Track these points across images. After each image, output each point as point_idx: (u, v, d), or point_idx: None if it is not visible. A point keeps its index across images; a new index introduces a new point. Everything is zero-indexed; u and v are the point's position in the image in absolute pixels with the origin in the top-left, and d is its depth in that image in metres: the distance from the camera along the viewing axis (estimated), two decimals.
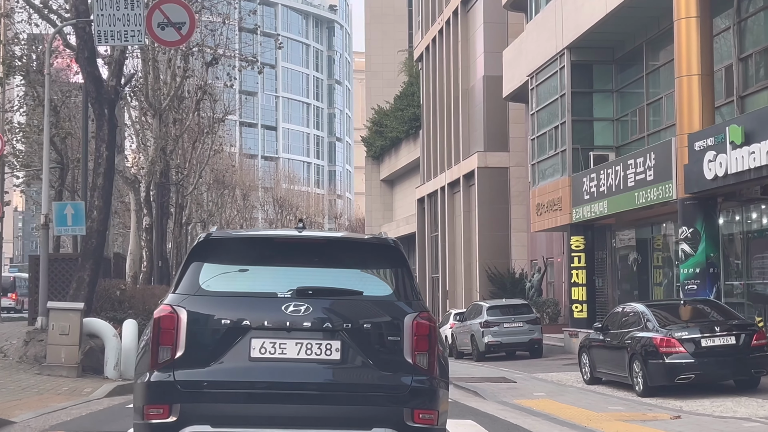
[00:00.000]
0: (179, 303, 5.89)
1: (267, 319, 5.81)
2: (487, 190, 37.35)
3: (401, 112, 57.20)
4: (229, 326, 5.80)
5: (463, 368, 22.48)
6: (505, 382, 17.08)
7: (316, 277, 6.11)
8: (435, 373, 5.93)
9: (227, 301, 5.92)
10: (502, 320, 25.49)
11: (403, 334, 5.89)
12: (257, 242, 6.43)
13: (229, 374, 5.74)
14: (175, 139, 42.04)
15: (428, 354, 5.91)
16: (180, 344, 5.78)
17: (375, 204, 66.76)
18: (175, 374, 5.74)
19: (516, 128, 36.90)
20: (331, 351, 5.82)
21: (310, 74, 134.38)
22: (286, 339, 5.80)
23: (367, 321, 5.89)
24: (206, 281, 6.02)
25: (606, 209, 23.68)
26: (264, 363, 5.76)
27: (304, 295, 5.90)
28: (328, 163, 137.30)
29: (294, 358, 5.78)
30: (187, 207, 55.72)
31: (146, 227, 33.69)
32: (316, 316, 5.84)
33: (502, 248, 37.05)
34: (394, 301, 6.04)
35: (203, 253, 6.13)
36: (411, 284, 6.17)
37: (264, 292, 5.96)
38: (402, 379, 5.83)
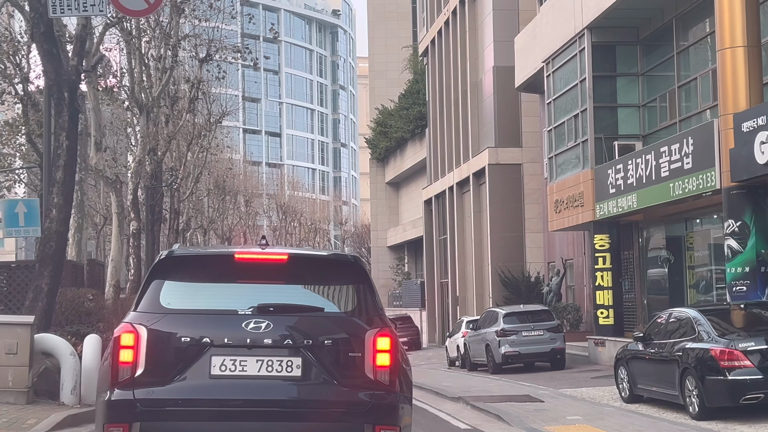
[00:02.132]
0: (139, 321, 5.88)
1: (227, 336, 5.80)
2: (498, 188, 34.98)
3: (406, 111, 54.96)
4: (189, 344, 5.80)
5: (479, 383, 20.10)
6: (531, 402, 14.69)
7: (277, 294, 6.13)
8: (396, 389, 5.90)
9: (187, 319, 5.92)
10: (520, 328, 23.11)
11: (364, 350, 5.88)
12: (218, 259, 6.44)
13: (189, 392, 5.72)
14: (167, 140, 39.89)
15: (389, 370, 5.88)
16: (140, 362, 5.77)
17: (380, 208, 64.52)
18: (135, 393, 5.71)
19: (529, 122, 34.53)
20: (292, 368, 5.81)
21: (313, 80, 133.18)
22: (247, 356, 5.79)
23: (327, 337, 5.87)
24: (167, 299, 6.03)
25: (635, 203, 21.28)
26: (224, 380, 5.75)
27: (264, 312, 5.90)
28: (333, 170, 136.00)
29: (255, 375, 5.77)
30: (185, 213, 53.59)
31: (133, 232, 31.38)
32: (276, 333, 5.82)
33: (515, 250, 34.66)
34: (355, 317, 6.01)
35: (164, 271, 6.15)
36: (373, 300, 6.18)
37: (224, 309, 5.96)
38: (363, 396, 5.81)
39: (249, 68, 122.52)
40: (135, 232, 31.28)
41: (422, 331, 45.23)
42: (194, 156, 48.40)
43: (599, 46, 23.98)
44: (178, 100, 41.60)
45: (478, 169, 36.58)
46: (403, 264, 62.22)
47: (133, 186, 31.11)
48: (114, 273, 25.03)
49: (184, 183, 49.04)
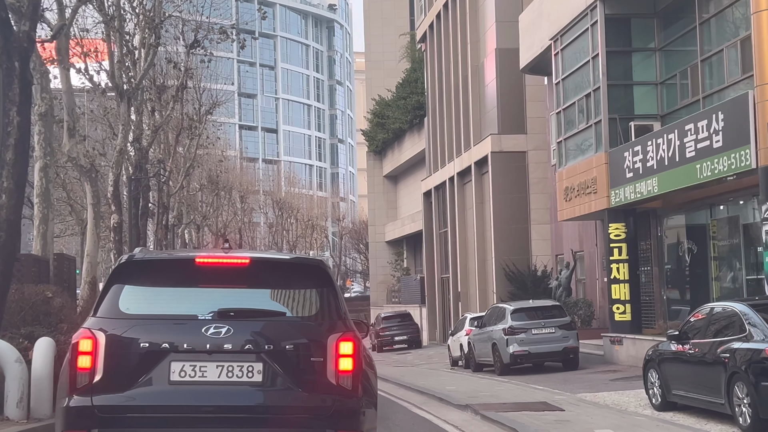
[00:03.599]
0: (98, 327, 5.83)
1: (187, 341, 5.76)
2: (502, 177, 33.11)
3: (404, 100, 53.09)
4: (148, 349, 5.75)
5: (487, 386, 18.24)
6: (550, 411, 12.83)
7: (238, 299, 6.09)
8: (359, 394, 5.87)
9: (147, 324, 5.89)
10: (529, 326, 21.24)
11: (326, 354, 5.83)
12: (179, 264, 6.41)
13: (149, 398, 5.68)
14: (154, 130, 38.01)
15: (352, 375, 5.84)
16: (98, 368, 5.71)
17: (378, 202, 62.66)
18: (93, 399, 5.67)
19: (534, 107, 32.66)
20: (253, 373, 5.77)
21: (310, 75, 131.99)
22: (207, 362, 5.75)
23: (289, 342, 5.83)
24: (126, 304, 5.97)
25: (656, 188, 19.42)
26: (184, 386, 5.71)
27: (225, 316, 5.86)
28: (330, 166, 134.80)
29: (215, 381, 5.73)
30: (175, 208, 51.73)
31: (114, 226, 29.52)
32: (237, 338, 5.78)
33: (520, 243, 32.80)
34: (318, 322, 6.01)
35: (124, 276, 6.11)
36: (336, 303, 6.14)
37: (184, 314, 5.93)
38: (325, 400, 5.78)
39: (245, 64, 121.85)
40: (116, 225, 29.40)
41: (422, 329, 43.40)
42: (185, 149, 46.58)
43: (613, 18, 22.12)
44: (166, 90, 39.84)
45: (480, 158, 34.72)
46: (402, 259, 60.38)
47: (114, 177, 29.26)
48: (90, 269, 23.15)
49: (173, 176, 47.25)
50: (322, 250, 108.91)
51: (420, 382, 20.15)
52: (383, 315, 42.73)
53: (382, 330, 40.63)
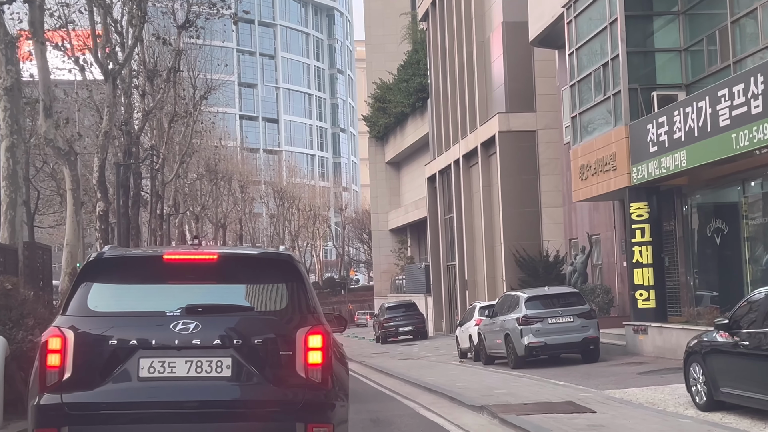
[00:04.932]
0: (66, 324, 5.84)
1: (155, 338, 5.77)
2: (510, 158, 31.37)
3: (406, 83, 51.35)
4: (117, 346, 5.76)
5: (501, 381, 16.55)
6: (579, 413, 11.14)
7: (207, 295, 6.09)
8: (329, 386, 5.89)
9: (115, 321, 5.86)
10: (545, 315, 19.54)
11: (295, 348, 5.86)
12: (148, 261, 6.42)
13: (118, 395, 5.67)
14: (145, 115, 36.30)
15: (321, 368, 5.87)
16: (67, 366, 5.72)
17: (380, 189, 60.96)
18: (63, 397, 5.67)
19: (544, 83, 30.89)
20: (222, 368, 5.77)
21: (310, 64, 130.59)
22: (176, 357, 5.75)
23: (258, 337, 5.86)
24: (95, 301, 5.96)
25: (684, 162, 17.68)
26: (153, 383, 5.71)
27: (193, 312, 5.87)
28: (332, 155, 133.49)
29: (184, 376, 5.73)
30: (171, 197, 50.06)
31: (100, 214, 27.83)
32: (205, 333, 5.79)
33: (531, 227, 31.08)
34: (287, 316, 6.01)
35: (93, 273, 6.10)
36: (306, 297, 6.14)
37: (153, 311, 5.92)
38: (294, 394, 5.79)
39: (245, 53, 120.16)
40: (102, 214, 27.71)
41: (428, 319, 41.74)
42: (180, 136, 44.89)
43: None
44: (157, 74, 38.14)
45: (487, 139, 32.98)
46: (406, 248, 58.74)
47: (99, 161, 27.59)
48: (70, 260, 21.45)
49: (168, 164, 45.56)
50: (325, 240, 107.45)
51: (428, 377, 18.48)
52: (387, 305, 41.06)
53: (386, 321, 38.98)
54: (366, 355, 30.71)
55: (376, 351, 33.51)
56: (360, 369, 24.70)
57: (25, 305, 13.19)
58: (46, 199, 44.49)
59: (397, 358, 27.90)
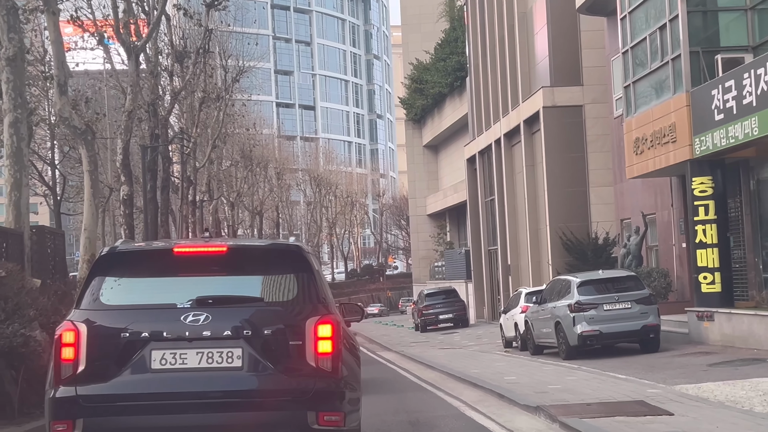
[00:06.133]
0: (80, 318, 5.95)
1: (166, 330, 5.86)
2: (555, 135, 29.60)
3: (443, 62, 49.64)
4: (129, 339, 5.85)
5: (554, 375, 14.92)
6: (652, 414, 9.50)
7: (217, 286, 6.18)
8: (339, 375, 5.96)
9: (127, 315, 5.96)
10: (600, 300, 17.85)
11: (305, 338, 5.92)
12: (158, 254, 6.47)
13: (131, 387, 5.77)
14: (173, 96, 35.03)
15: (331, 357, 5.93)
16: (81, 360, 5.84)
17: (418, 173, 59.36)
18: (78, 389, 5.79)
19: (590, 55, 29.06)
20: (233, 359, 5.84)
21: (347, 50, 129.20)
22: (187, 349, 5.84)
23: (268, 327, 5.94)
24: (107, 295, 6.07)
25: (756, 129, 15.87)
26: (165, 374, 5.81)
27: (203, 304, 5.97)
28: (369, 142, 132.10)
29: (195, 367, 5.82)
30: (205, 182, 48.91)
31: (124, 198, 26.63)
32: (215, 324, 5.88)
33: (578, 208, 29.32)
34: (296, 306, 6.10)
35: (106, 267, 6.20)
36: (315, 287, 6.19)
37: (164, 303, 6.03)
38: (305, 383, 5.85)
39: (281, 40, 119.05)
40: (126, 198, 26.50)
41: (469, 306, 40.12)
42: (212, 120, 43.66)
43: None
44: (186, 55, 36.89)
45: (531, 115, 31.21)
46: (445, 233, 57.11)
47: (123, 143, 26.33)
48: (88, 246, 20.12)
49: (200, 149, 44.38)
50: (363, 227, 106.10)
51: (472, 369, 16.90)
52: (426, 292, 39.48)
53: (426, 308, 37.41)
54: (405, 344, 29.22)
55: (415, 340, 31.99)
56: (398, 360, 23.21)
57: (22, 295, 11.81)
58: (76, 187, 43.43)
59: (438, 348, 26.36)
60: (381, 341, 32.56)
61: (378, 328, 45.16)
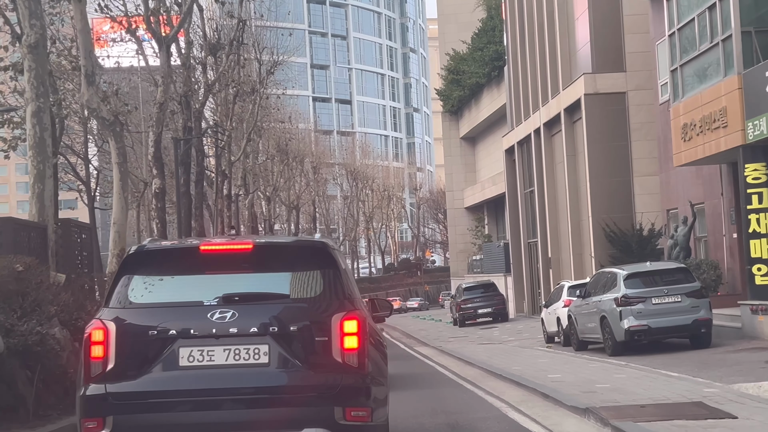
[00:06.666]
0: (109, 317, 6.01)
1: (193, 327, 5.91)
2: (598, 124, 28.67)
3: (480, 52, 48.77)
4: (157, 337, 5.90)
5: (601, 373, 14.12)
6: (713, 418, 8.72)
7: (243, 284, 6.21)
8: (366, 371, 5.98)
9: (155, 313, 6.03)
10: (648, 294, 17.02)
11: (331, 334, 5.95)
12: (185, 252, 6.52)
13: (159, 384, 5.84)
14: (207, 88, 34.55)
15: (357, 352, 5.96)
16: (110, 357, 5.90)
17: (455, 166, 58.54)
18: (107, 387, 5.85)
19: (634, 40, 28.08)
20: (259, 355, 5.89)
21: (383, 43, 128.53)
22: (214, 346, 5.88)
23: (294, 323, 5.95)
24: (135, 294, 6.14)
25: None
26: (193, 371, 5.86)
27: (230, 301, 6.01)
28: (406, 135, 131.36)
29: (222, 364, 5.86)
30: (239, 176, 48.51)
31: (156, 192, 26.20)
32: (242, 321, 5.92)
33: (621, 199, 28.37)
34: (322, 302, 6.11)
35: (134, 266, 6.27)
36: (341, 283, 6.23)
37: (191, 301, 6.08)
38: (332, 379, 5.89)
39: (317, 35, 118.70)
40: (158, 191, 26.07)
41: (508, 300, 39.28)
42: (247, 114, 43.20)
43: None
44: (220, 47, 36.40)
45: (572, 103, 30.30)
46: (483, 225, 56.23)
47: (155, 136, 25.87)
48: (117, 240, 19.64)
49: (234, 143, 43.96)
50: (400, 221, 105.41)
51: (513, 366, 16.15)
52: (465, 285, 38.70)
53: (464, 302, 36.64)
54: (443, 339, 28.50)
55: (453, 335, 31.26)
56: (436, 355, 22.51)
57: (41, 291, 11.26)
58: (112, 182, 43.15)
59: (477, 343, 25.62)
60: (418, 336, 31.88)
61: (415, 323, 44.47)
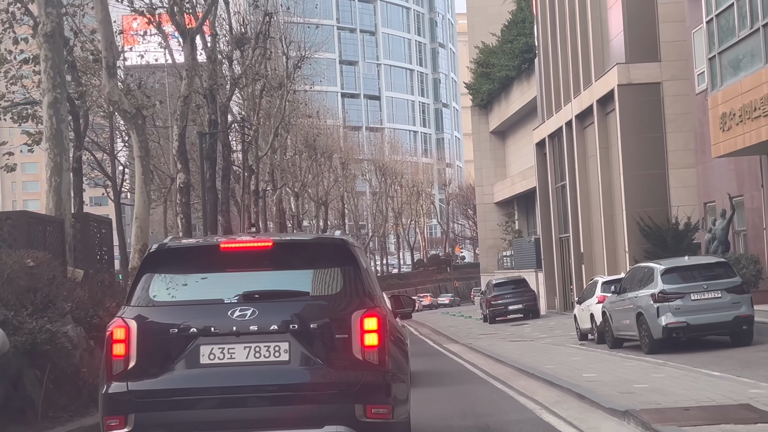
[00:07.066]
0: (130, 315, 6.05)
1: (214, 325, 5.93)
2: (632, 115, 27.95)
3: (510, 44, 48.06)
4: (178, 335, 5.92)
5: (638, 372, 13.49)
6: (763, 422, 8.10)
7: (263, 281, 6.24)
8: (387, 368, 5.97)
9: (176, 311, 6.07)
10: (687, 290, 16.33)
11: (351, 331, 5.95)
12: (206, 250, 6.53)
13: (181, 382, 5.86)
14: (233, 83, 34.15)
15: (378, 350, 5.94)
16: (132, 355, 5.92)
17: (485, 160, 57.83)
18: (129, 385, 5.88)
19: (669, 29, 27.33)
20: (280, 353, 5.88)
21: (411, 39, 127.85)
22: (235, 344, 5.89)
23: (314, 321, 5.96)
24: (156, 292, 6.19)
25: None
26: (213, 369, 5.87)
27: (250, 299, 6.02)
28: (435, 131, 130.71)
29: (243, 362, 5.87)
30: (267, 172, 48.17)
31: (180, 186, 25.83)
32: (262, 319, 5.93)
33: (656, 192, 27.63)
34: (342, 299, 6.12)
35: (155, 264, 6.30)
36: (361, 281, 6.23)
37: (211, 299, 6.10)
38: (352, 376, 5.88)
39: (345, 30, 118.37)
40: (182, 186, 25.69)
41: (539, 296, 38.59)
42: (275, 109, 42.83)
43: None
44: (246, 41, 35.99)
45: (604, 94, 29.58)
46: (513, 221, 55.53)
47: (179, 129, 25.50)
48: (140, 235, 19.29)
49: (262, 138, 43.59)
50: (429, 217, 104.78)
51: (546, 365, 15.55)
52: (495, 281, 38.06)
53: (494, 298, 36.01)
54: (473, 337, 27.92)
55: (484, 331, 30.66)
56: (466, 353, 21.94)
57: (53, 287, 10.83)
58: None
59: (508, 340, 25.02)
60: (447, 333, 31.33)
61: (445, 319, 43.89)
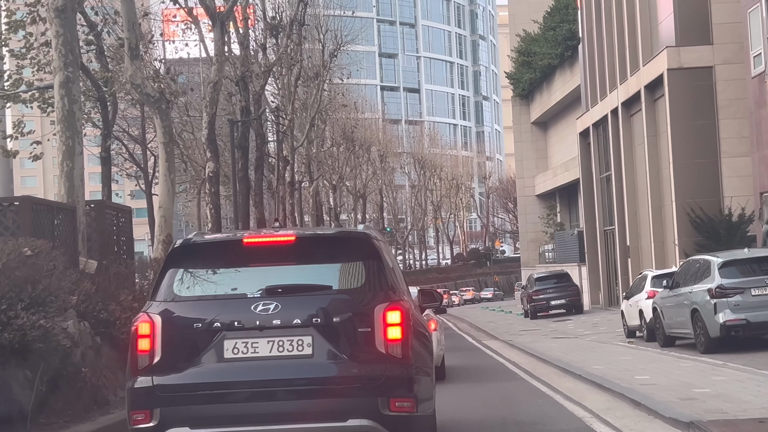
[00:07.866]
0: (155, 310, 6.12)
1: (238, 319, 6.00)
2: (682, 101, 26.55)
3: (552, 31, 46.66)
4: (202, 329, 5.99)
5: (695, 373, 12.31)
6: None
7: (287, 275, 6.30)
8: (410, 361, 5.98)
9: (200, 305, 6.15)
10: (747, 284, 15.05)
11: (374, 324, 5.98)
12: (229, 245, 6.62)
13: (205, 376, 5.92)
14: (266, 70, 33.25)
15: (401, 343, 5.97)
16: (157, 350, 5.98)
17: (526, 152, 56.47)
18: (154, 379, 5.95)
19: (722, 9, 25.90)
20: (303, 347, 5.92)
21: (452, 31, 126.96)
22: (258, 338, 5.95)
23: (337, 315, 6.00)
24: (181, 287, 6.24)
25: None
26: (238, 363, 5.92)
27: (273, 293, 6.07)
28: (475, 124, 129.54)
29: (266, 356, 5.92)
30: (302, 163, 47.35)
31: (209, 175, 24.99)
32: (285, 313, 5.97)
33: (708, 182, 26.23)
34: (364, 293, 6.15)
35: (179, 259, 6.36)
36: (384, 274, 6.26)
37: (235, 293, 6.19)
38: (375, 370, 5.90)
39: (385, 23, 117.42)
40: (212, 175, 24.84)
41: (582, 291, 37.27)
42: (311, 99, 41.96)
43: None
44: (281, 28, 35.11)
45: (653, 80, 28.20)
46: (555, 213, 54.14)
47: (209, 117, 24.63)
48: (163, 225, 18.41)
49: (298, 129, 42.73)
50: (469, 210, 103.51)
51: (593, 365, 14.41)
52: (536, 276, 36.83)
53: (536, 293, 34.82)
54: (514, 333, 26.78)
55: (525, 327, 29.50)
56: (506, 350, 20.83)
57: (53, 278, 9.90)
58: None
59: (550, 337, 23.85)
60: (487, 329, 30.23)
61: (484, 314, 42.76)
